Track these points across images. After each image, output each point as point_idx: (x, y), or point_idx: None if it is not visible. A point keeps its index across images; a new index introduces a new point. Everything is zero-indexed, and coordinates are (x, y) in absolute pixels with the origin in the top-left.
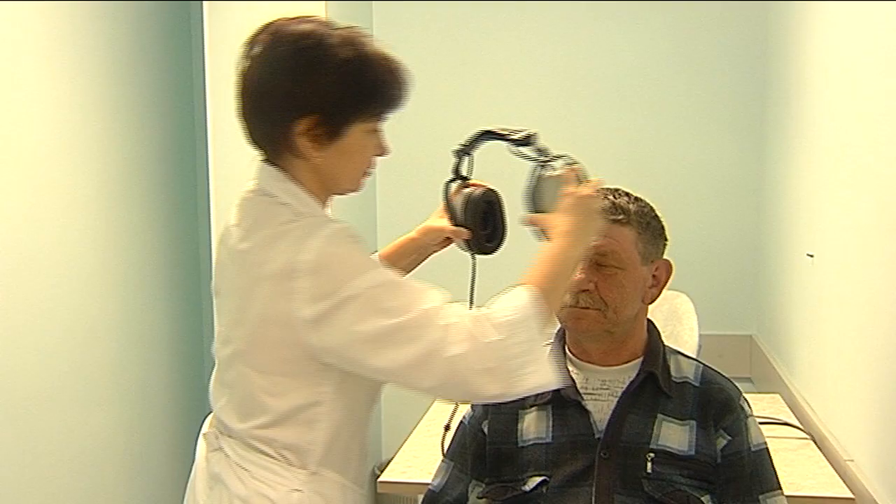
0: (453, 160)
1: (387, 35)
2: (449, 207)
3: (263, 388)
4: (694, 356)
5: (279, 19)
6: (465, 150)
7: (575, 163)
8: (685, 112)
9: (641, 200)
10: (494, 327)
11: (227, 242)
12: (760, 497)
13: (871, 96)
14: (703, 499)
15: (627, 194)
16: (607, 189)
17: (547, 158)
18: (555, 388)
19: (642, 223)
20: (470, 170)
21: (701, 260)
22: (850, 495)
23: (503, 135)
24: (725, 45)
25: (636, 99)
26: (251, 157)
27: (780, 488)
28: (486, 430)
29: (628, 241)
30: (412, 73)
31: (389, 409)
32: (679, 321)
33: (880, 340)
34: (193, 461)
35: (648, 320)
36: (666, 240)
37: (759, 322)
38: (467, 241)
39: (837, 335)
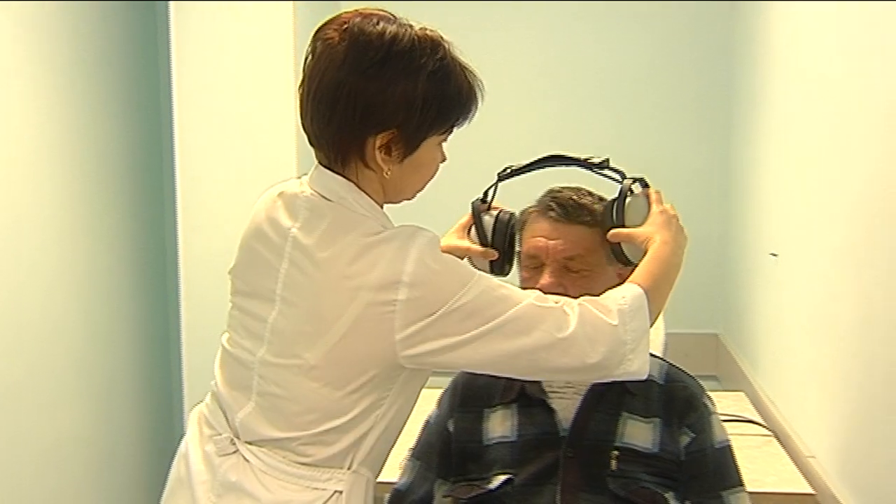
0: (493, 180)
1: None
2: (480, 227)
3: (332, 401)
4: (660, 354)
5: (352, 14)
6: (517, 173)
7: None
8: (652, 111)
9: (605, 200)
10: (616, 313)
11: (273, 241)
12: (723, 493)
13: (834, 98)
14: (667, 496)
15: (591, 194)
16: (571, 189)
17: (631, 179)
18: (644, 378)
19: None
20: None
21: None
22: (811, 491)
23: (576, 159)
24: (692, 46)
25: (604, 99)
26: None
27: (743, 484)
28: (451, 428)
29: (595, 243)
30: None
31: None
32: None
33: (841, 339)
34: (171, 462)
35: None
36: None
37: (724, 321)
38: (492, 262)
39: (800, 334)
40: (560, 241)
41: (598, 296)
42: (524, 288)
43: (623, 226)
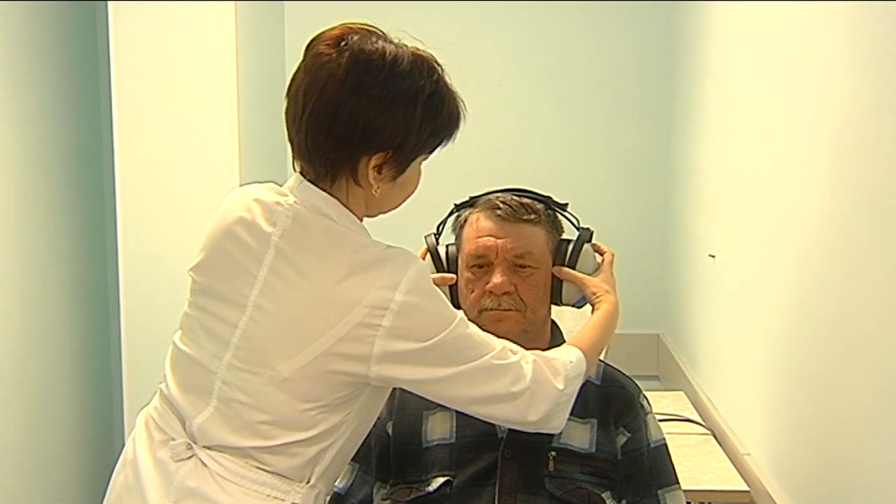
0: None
1: (299, 37)
2: (437, 258)
3: (299, 413)
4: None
5: (346, 30)
6: (475, 201)
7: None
8: (593, 111)
9: (543, 197)
10: (563, 377)
11: (250, 246)
12: (659, 492)
13: (771, 102)
14: (603, 495)
15: (532, 193)
16: (512, 190)
17: (588, 230)
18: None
19: (549, 221)
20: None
21: None
22: (746, 488)
23: (539, 196)
24: (632, 46)
25: (545, 98)
26: (157, 155)
27: (678, 482)
28: (390, 431)
29: (541, 241)
30: None
31: None
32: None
33: (775, 340)
34: (112, 468)
35: (552, 320)
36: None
37: (666, 321)
38: (451, 287)
39: (736, 334)
40: (509, 240)
41: (541, 296)
42: (469, 290)
43: (573, 268)
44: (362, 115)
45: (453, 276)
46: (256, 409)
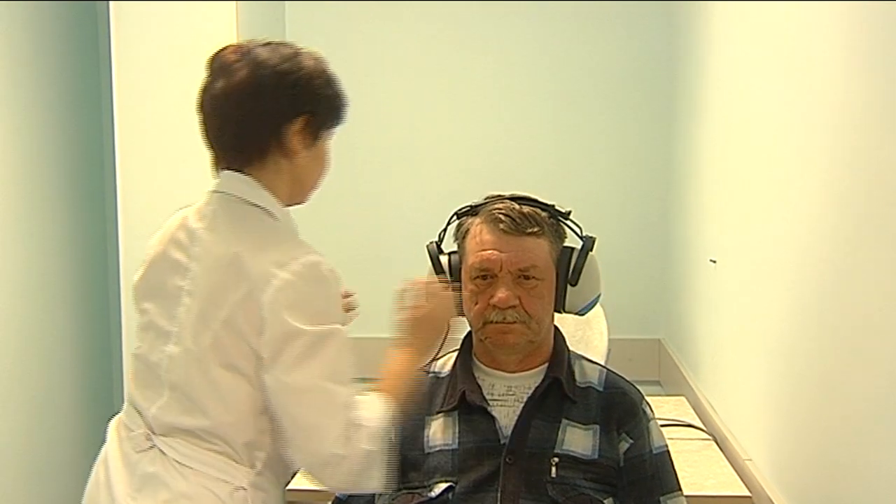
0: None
1: (300, 37)
2: (439, 264)
3: (225, 383)
4: (602, 361)
5: (249, 44)
6: (475, 209)
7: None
8: (594, 114)
9: (546, 205)
10: (369, 438)
11: (183, 243)
12: (661, 498)
13: (774, 107)
14: (605, 502)
15: (535, 201)
16: (516, 197)
17: (591, 238)
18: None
19: (551, 231)
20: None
21: (610, 265)
22: (748, 494)
23: (542, 204)
24: (633, 49)
25: (545, 101)
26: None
27: (681, 489)
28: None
29: (545, 252)
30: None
31: None
32: (589, 326)
33: (776, 345)
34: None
35: (555, 326)
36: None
37: (667, 326)
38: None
39: (737, 339)
40: (513, 254)
41: (546, 307)
42: (473, 303)
43: (575, 280)
44: (280, 89)
45: (457, 283)
46: (198, 388)
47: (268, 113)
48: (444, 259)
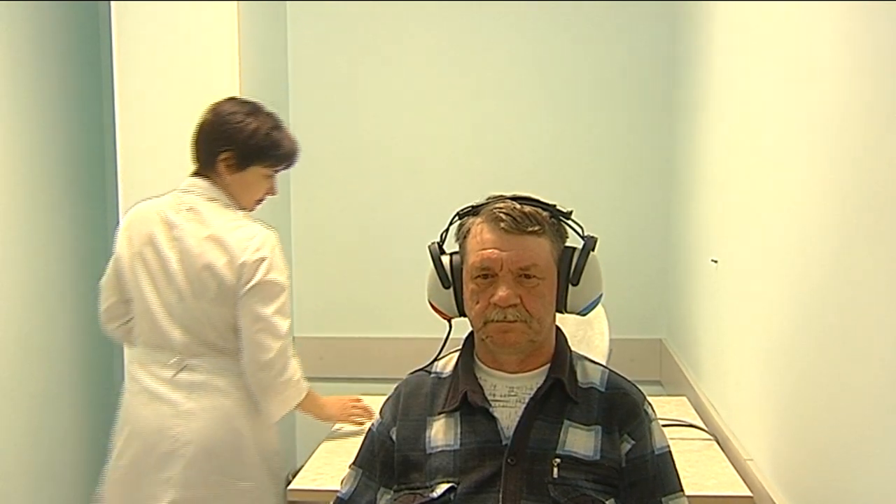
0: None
1: (301, 37)
2: (440, 267)
3: (221, 316)
4: (603, 361)
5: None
6: (477, 210)
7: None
8: (595, 115)
9: (548, 205)
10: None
11: (163, 234)
12: (663, 499)
13: (774, 107)
14: (607, 503)
15: (536, 201)
16: (516, 197)
17: (593, 238)
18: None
19: (553, 230)
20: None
21: (611, 265)
22: (749, 494)
23: (544, 204)
24: (634, 50)
25: (546, 101)
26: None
27: (682, 490)
28: (394, 437)
29: (545, 251)
30: (325, 73)
31: (302, 417)
32: (590, 326)
33: (777, 344)
34: (111, 451)
35: (556, 327)
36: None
37: (668, 326)
38: (456, 296)
39: (738, 339)
40: (514, 253)
41: (547, 306)
42: (474, 302)
43: (577, 280)
44: (216, 129)
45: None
46: (202, 319)
47: (205, 143)
48: (445, 259)
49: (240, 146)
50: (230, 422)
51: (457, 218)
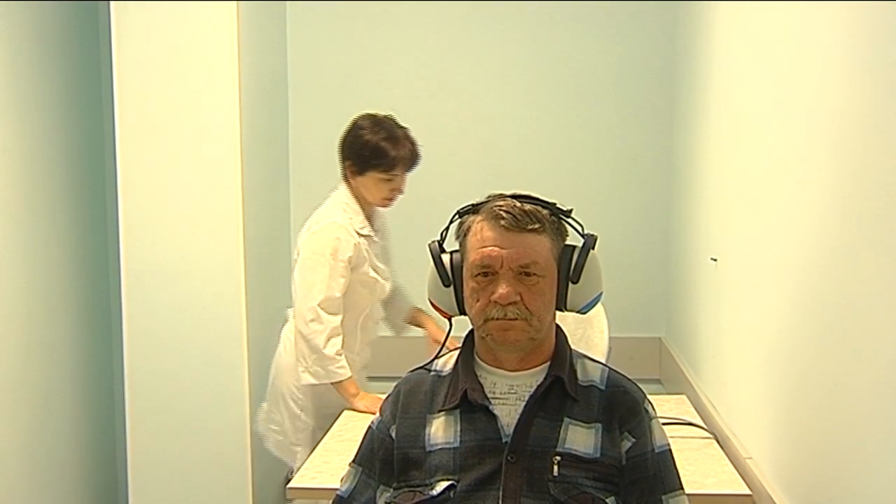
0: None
1: (301, 37)
2: (440, 262)
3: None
4: (603, 359)
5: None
6: (477, 208)
7: None
8: (596, 114)
9: (548, 203)
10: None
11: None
12: (663, 497)
13: (773, 104)
14: (607, 500)
15: (536, 199)
16: (516, 196)
17: (593, 236)
18: None
19: (553, 228)
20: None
21: (611, 263)
22: (748, 492)
23: (544, 202)
24: (634, 49)
25: (547, 101)
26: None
27: (682, 488)
28: (394, 435)
29: (545, 249)
30: (325, 73)
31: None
32: (590, 324)
33: (777, 343)
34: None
35: (556, 325)
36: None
37: (668, 325)
38: (456, 295)
39: (738, 338)
40: (514, 250)
41: (547, 304)
42: (474, 300)
43: (577, 278)
44: (343, 145)
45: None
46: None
47: (341, 155)
48: (445, 258)
49: (355, 156)
50: None
51: (457, 216)
